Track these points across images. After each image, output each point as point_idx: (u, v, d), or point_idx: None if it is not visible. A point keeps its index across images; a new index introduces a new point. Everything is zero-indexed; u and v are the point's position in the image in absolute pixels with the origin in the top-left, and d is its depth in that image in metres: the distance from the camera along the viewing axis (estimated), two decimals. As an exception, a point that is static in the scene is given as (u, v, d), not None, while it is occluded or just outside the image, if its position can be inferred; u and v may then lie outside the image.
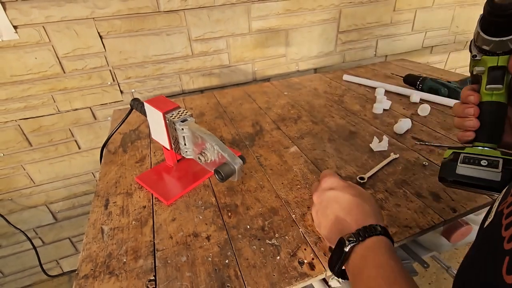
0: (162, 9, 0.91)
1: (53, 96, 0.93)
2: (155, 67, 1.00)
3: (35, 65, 0.87)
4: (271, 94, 1.01)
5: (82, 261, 0.45)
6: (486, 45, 0.35)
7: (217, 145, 0.45)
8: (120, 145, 0.76)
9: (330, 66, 1.27)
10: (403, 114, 0.82)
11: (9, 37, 0.80)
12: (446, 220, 0.47)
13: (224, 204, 0.54)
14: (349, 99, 0.94)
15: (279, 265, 0.42)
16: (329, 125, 0.78)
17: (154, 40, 0.96)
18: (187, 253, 0.45)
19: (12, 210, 1.09)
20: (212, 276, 0.41)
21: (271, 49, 1.13)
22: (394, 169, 0.60)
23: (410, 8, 1.26)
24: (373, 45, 1.29)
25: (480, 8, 1.17)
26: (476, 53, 0.38)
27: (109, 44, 0.91)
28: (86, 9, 0.84)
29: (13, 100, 0.89)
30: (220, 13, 0.99)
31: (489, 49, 0.35)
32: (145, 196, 0.57)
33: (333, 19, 1.16)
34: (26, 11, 0.79)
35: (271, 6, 1.04)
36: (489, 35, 0.34)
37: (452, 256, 1.29)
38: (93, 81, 0.95)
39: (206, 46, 1.03)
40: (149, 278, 0.41)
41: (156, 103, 0.54)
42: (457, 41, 1.45)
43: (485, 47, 0.35)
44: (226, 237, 0.47)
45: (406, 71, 1.13)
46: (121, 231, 0.50)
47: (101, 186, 0.61)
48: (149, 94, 1.04)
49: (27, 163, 1.01)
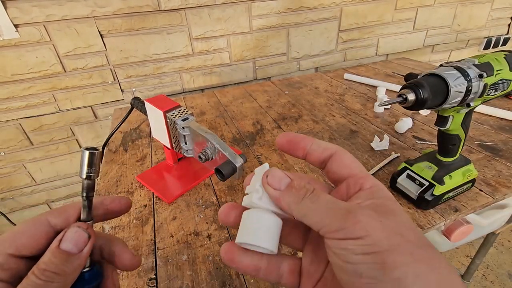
0: (162, 7, 0.91)
1: (54, 95, 0.93)
2: (155, 66, 1.00)
3: (36, 64, 0.87)
4: (272, 93, 1.01)
5: (83, 260, 0.45)
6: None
7: (218, 144, 0.45)
8: (121, 144, 0.76)
9: (331, 65, 1.27)
10: (404, 113, 0.82)
11: (10, 36, 0.80)
12: (447, 220, 0.47)
13: (224, 203, 0.54)
14: (350, 98, 0.93)
15: (280, 264, 0.42)
16: (330, 124, 0.78)
17: (154, 39, 0.95)
18: (188, 252, 0.45)
19: (13, 208, 1.09)
20: (213, 274, 0.41)
21: (272, 47, 1.12)
22: (395, 168, 0.60)
23: (412, 6, 1.25)
24: (374, 43, 1.29)
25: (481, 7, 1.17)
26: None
27: (109, 43, 0.91)
28: (86, 8, 0.84)
29: (14, 99, 0.90)
30: (221, 12, 0.99)
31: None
32: (146, 195, 0.57)
33: (334, 18, 1.15)
34: (26, 10, 0.79)
35: (272, 5, 1.04)
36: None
37: (453, 255, 1.29)
38: (94, 80, 0.95)
39: (207, 44, 1.03)
40: (150, 277, 0.42)
41: (156, 102, 0.54)
42: (458, 39, 1.44)
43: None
44: (227, 236, 0.47)
45: (407, 70, 1.13)
46: (122, 230, 0.50)
47: (102, 185, 0.61)
48: (149, 93, 1.04)
49: (28, 162, 1.02)
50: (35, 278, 0.18)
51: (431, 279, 0.13)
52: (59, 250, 0.19)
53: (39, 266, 0.18)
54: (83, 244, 0.20)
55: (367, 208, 0.16)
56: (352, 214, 0.15)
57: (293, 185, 0.18)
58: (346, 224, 0.15)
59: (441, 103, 0.39)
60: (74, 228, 0.20)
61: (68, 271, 0.19)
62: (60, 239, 0.20)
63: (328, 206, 0.16)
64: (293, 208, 0.17)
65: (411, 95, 0.37)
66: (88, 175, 0.21)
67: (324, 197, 0.17)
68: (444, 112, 0.43)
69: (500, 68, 0.39)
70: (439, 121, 0.45)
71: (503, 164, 0.58)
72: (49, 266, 0.18)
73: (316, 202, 0.17)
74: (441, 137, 0.47)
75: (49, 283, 0.18)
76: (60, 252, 0.19)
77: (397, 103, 0.38)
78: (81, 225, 0.20)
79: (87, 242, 0.20)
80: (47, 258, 0.19)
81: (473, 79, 0.38)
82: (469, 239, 0.72)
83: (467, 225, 0.59)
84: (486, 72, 0.38)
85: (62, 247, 0.19)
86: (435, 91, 0.37)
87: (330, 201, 0.17)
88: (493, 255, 1.27)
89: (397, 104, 0.38)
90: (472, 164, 0.50)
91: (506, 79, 0.40)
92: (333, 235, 0.15)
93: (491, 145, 0.64)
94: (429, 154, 0.52)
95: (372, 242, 0.14)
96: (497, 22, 1.46)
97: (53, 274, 0.18)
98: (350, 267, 0.14)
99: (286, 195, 0.18)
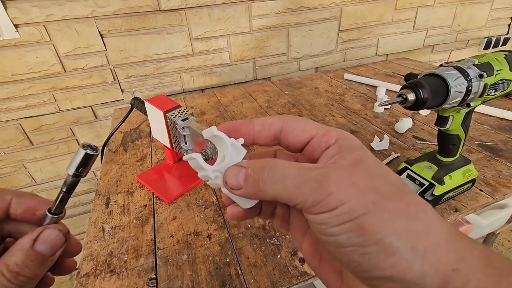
0: (162, 7, 0.91)
1: (54, 95, 0.93)
2: (155, 66, 1.00)
3: (36, 64, 0.87)
4: (272, 93, 1.01)
5: (83, 260, 0.45)
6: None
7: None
8: (121, 144, 0.76)
9: (331, 65, 1.27)
10: (404, 113, 0.82)
11: (10, 36, 0.81)
12: (447, 220, 0.47)
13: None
14: (350, 98, 0.93)
15: (280, 264, 0.42)
16: (330, 124, 0.78)
17: (154, 39, 0.95)
18: (188, 252, 0.45)
19: (14, 208, 1.09)
20: (213, 274, 0.41)
21: (272, 47, 1.12)
22: (395, 168, 0.60)
23: (411, 6, 1.25)
24: (374, 43, 1.29)
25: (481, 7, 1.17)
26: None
27: (109, 43, 0.91)
28: (86, 8, 0.84)
29: (14, 99, 0.90)
30: (221, 12, 0.99)
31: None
32: (146, 195, 0.57)
33: (334, 18, 1.15)
34: (27, 10, 0.79)
35: (272, 5, 1.04)
36: None
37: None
38: (94, 80, 0.95)
39: (207, 44, 1.03)
40: (150, 277, 0.42)
41: (156, 102, 0.54)
42: (458, 39, 1.44)
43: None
44: (227, 236, 0.47)
45: (407, 70, 1.13)
46: (122, 230, 0.50)
47: (102, 184, 0.61)
48: (149, 93, 1.04)
49: (28, 162, 1.02)
50: (5, 281, 0.16)
51: (410, 230, 0.14)
52: (34, 252, 0.17)
53: (10, 268, 0.17)
54: (58, 248, 0.18)
55: (336, 168, 0.15)
56: (323, 184, 0.15)
57: (249, 174, 0.17)
58: (319, 197, 0.14)
59: (441, 103, 0.39)
60: (54, 231, 0.18)
61: (40, 275, 0.18)
62: (35, 239, 0.18)
63: (296, 179, 0.15)
64: (260, 195, 0.16)
65: (411, 95, 0.37)
66: (77, 174, 0.19)
67: (284, 168, 0.16)
68: (444, 112, 0.43)
69: (500, 68, 0.39)
70: (439, 121, 0.45)
71: (503, 164, 0.58)
72: (23, 270, 0.17)
73: (279, 180, 0.16)
74: (441, 137, 0.48)
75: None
76: (35, 255, 0.17)
77: (397, 103, 0.38)
78: (61, 228, 0.19)
79: (62, 247, 0.19)
80: (19, 260, 0.17)
81: (473, 79, 0.38)
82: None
83: (467, 225, 0.59)
84: (486, 72, 0.38)
85: (38, 249, 0.17)
86: (435, 91, 0.37)
87: (293, 174, 0.15)
88: (493, 255, 1.27)
89: (397, 104, 0.38)
90: (472, 164, 0.50)
91: (506, 79, 0.40)
92: (309, 210, 0.15)
93: (491, 145, 0.64)
94: (429, 154, 0.52)
95: (347, 210, 0.14)
96: (497, 22, 1.46)
97: (27, 279, 0.17)
98: (332, 239, 0.14)
99: (248, 187, 0.17)
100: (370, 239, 0.13)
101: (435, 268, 0.13)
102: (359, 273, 0.14)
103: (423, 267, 0.13)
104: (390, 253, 0.13)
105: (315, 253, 0.19)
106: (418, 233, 0.14)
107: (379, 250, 0.13)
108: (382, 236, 0.13)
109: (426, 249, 0.13)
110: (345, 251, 0.14)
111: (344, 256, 0.14)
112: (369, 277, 0.14)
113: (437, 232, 0.14)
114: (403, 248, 0.13)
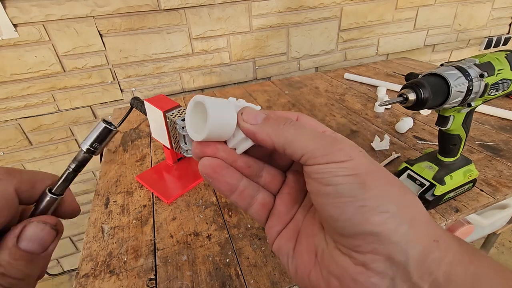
0: (162, 7, 0.91)
1: (53, 94, 0.93)
2: (155, 66, 1.00)
3: (35, 64, 0.86)
4: (272, 93, 1.00)
5: (83, 260, 0.45)
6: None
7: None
8: (120, 144, 0.76)
9: (331, 65, 1.27)
10: (404, 113, 0.81)
11: (9, 36, 0.80)
12: (447, 220, 0.47)
13: (224, 203, 0.54)
14: (351, 98, 0.93)
15: (280, 264, 0.42)
16: (330, 124, 0.78)
17: (154, 38, 0.95)
18: (188, 252, 0.45)
19: (13, 208, 1.09)
20: (212, 275, 0.41)
21: (272, 47, 1.12)
22: (396, 168, 0.59)
23: (412, 6, 1.25)
24: (374, 43, 1.29)
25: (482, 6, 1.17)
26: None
27: (109, 43, 0.91)
28: (86, 8, 0.84)
29: (13, 99, 0.89)
30: (221, 11, 0.98)
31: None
32: (146, 195, 0.57)
33: (334, 17, 1.15)
34: (26, 9, 0.79)
35: (272, 4, 1.03)
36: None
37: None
38: (93, 80, 0.95)
39: (207, 44, 1.03)
40: (150, 277, 0.41)
41: (156, 101, 0.54)
42: (459, 39, 1.44)
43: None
44: (227, 236, 0.47)
45: (408, 69, 1.12)
46: (122, 230, 0.49)
47: (102, 185, 0.61)
48: (149, 92, 1.04)
49: (27, 162, 1.01)
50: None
51: (401, 201, 0.15)
52: (19, 250, 0.15)
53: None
54: (49, 242, 0.16)
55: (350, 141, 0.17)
56: (337, 141, 0.16)
57: (270, 117, 0.18)
58: (332, 149, 0.16)
59: (442, 103, 0.38)
60: (39, 224, 0.16)
61: (33, 274, 0.16)
62: (18, 236, 0.16)
63: (313, 133, 0.17)
64: (273, 136, 0.17)
65: (412, 95, 0.36)
66: (91, 149, 0.18)
67: (307, 126, 0.17)
68: (445, 112, 0.43)
69: (501, 68, 0.39)
70: (439, 121, 0.45)
71: (504, 164, 0.58)
72: (9, 271, 0.15)
73: (299, 129, 0.17)
74: (442, 137, 0.47)
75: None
76: (21, 253, 0.15)
77: (398, 103, 0.38)
78: (48, 221, 0.17)
79: (55, 239, 0.17)
80: (3, 259, 0.15)
81: (474, 79, 0.37)
82: (470, 240, 0.71)
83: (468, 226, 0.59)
84: (487, 72, 0.38)
85: (24, 247, 0.16)
86: (435, 91, 0.37)
87: (313, 130, 0.17)
88: (494, 256, 1.27)
89: (397, 104, 0.38)
90: (473, 164, 0.50)
91: (507, 78, 0.40)
92: (316, 161, 0.16)
93: (492, 145, 0.64)
94: (430, 154, 0.52)
95: (354, 166, 0.15)
96: (498, 21, 1.45)
97: (16, 280, 0.15)
98: (331, 189, 0.15)
99: (265, 125, 0.17)
100: (368, 192, 0.15)
101: (419, 236, 0.15)
102: (347, 227, 0.15)
103: (408, 231, 0.14)
104: (384, 210, 0.14)
105: (293, 235, 0.19)
106: (408, 206, 0.15)
107: (375, 205, 0.14)
108: (380, 195, 0.15)
109: (413, 218, 0.15)
110: (340, 202, 0.15)
111: (337, 209, 0.15)
112: (357, 232, 0.15)
113: (422, 213, 0.16)
114: (394, 211, 0.15)
